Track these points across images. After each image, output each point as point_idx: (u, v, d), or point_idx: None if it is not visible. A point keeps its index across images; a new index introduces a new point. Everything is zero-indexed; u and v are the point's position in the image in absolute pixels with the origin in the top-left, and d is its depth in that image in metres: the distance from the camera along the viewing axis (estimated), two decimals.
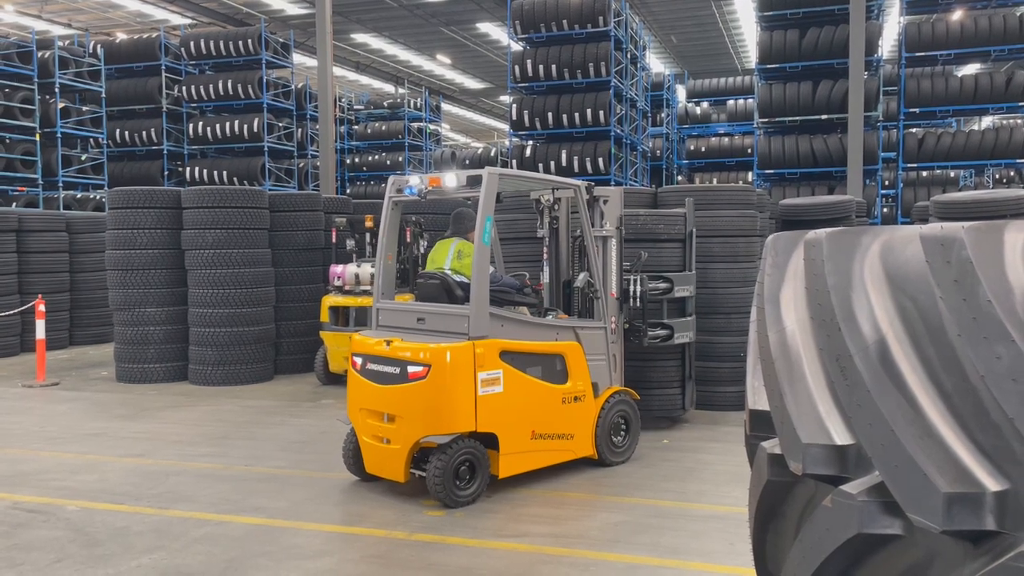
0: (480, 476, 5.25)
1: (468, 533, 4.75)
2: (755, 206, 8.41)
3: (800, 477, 1.58)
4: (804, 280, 1.73)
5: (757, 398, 1.86)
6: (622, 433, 6.19)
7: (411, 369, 5.19)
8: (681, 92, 27.86)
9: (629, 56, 17.36)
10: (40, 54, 17.29)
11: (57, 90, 17.72)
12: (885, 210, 19.58)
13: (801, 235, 1.84)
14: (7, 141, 16.60)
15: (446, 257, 6.04)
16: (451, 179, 5.56)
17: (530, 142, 16.83)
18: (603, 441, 6.00)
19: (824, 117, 16.40)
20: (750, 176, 21.31)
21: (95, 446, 6.80)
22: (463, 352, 5.16)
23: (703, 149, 24.10)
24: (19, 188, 17.17)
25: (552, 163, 16.09)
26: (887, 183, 19.51)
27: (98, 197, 18.99)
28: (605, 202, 6.25)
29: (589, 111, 15.87)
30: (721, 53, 32.31)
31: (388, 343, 5.36)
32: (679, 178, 25.11)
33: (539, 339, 5.67)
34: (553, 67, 16.02)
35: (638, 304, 6.50)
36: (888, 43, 22.80)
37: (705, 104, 26.46)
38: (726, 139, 24.09)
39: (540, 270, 6.62)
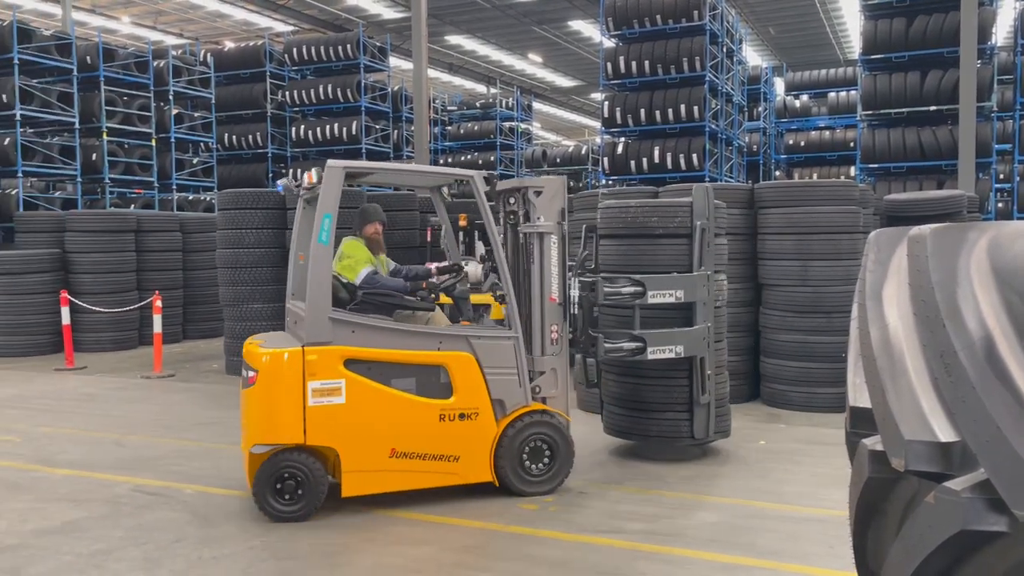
0: (309, 493, 4.89)
1: (563, 527, 4.81)
2: (858, 202, 8.16)
3: (902, 474, 1.58)
4: (907, 276, 1.72)
5: (858, 395, 1.86)
6: (545, 459, 5.33)
7: (249, 374, 5.06)
8: (779, 85, 27.11)
9: (725, 50, 17.04)
10: (156, 63, 18.29)
11: (171, 97, 18.70)
12: (1000, 205, 18.55)
13: (904, 231, 1.83)
14: (126, 147, 17.62)
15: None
16: (315, 175, 5.38)
17: (622, 139, 16.74)
18: (509, 467, 5.22)
19: (932, 108, 15.68)
20: (852, 171, 20.56)
21: (209, 434, 7.19)
22: (289, 359, 4.88)
23: (802, 143, 23.40)
24: (137, 190, 18.22)
25: (644, 160, 15.96)
26: (1002, 176, 18.48)
27: (208, 199, 19.95)
28: (538, 194, 5.50)
29: (683, 107, 15.66)
30: (822, 44, 31.28)
31: (249, 344, 5.27)
32: (777, 173, 24.46)
33: (410, 347, 5.12)
34: (646, 63, 15.88)
35: (574, 311, 5.63)
36: (1003, 29, 21.59)
37: (805, 97, 25.68)
38: (827, 133, 23.31)
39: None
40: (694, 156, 15.61)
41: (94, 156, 16.50)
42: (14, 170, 14.69)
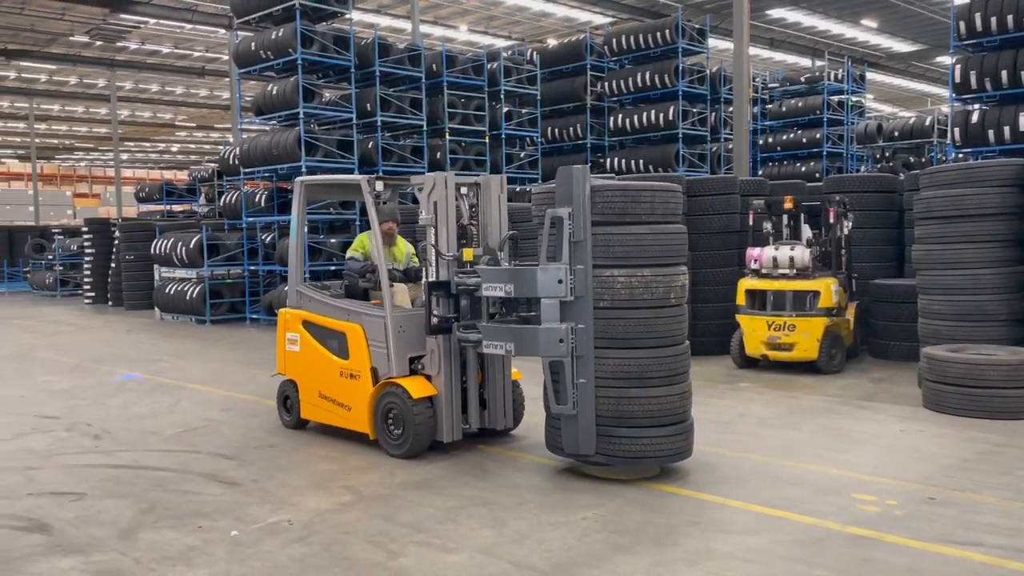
0: (293, 411, 7.03)
1: (909, 533, 4.44)
2: None
3: None
4: None
5: None
6: (402, 427, 6.04)
7: None
8: None
9: None
10: (489, 66, 19.78)
11: (502, 96, 20.13)
12: None
13: None
14: (463, 144, 19.34)
15: None
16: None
17: (976, 106, 14.75)
18: (377, 426, 6.21)
19: None
20: None
21: None
22: (281, 316, 7.21)
23: None
24: None
25: (1006, 129, 13.90)
26: None
27: (531, 190, 21.20)
28: (420, 190, 6.09)
29: None
30: None
31: None
32: None
33: (334, 317, 6.62)
34: (1009, 17, 13.78)
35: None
36: None
37: None
38: None
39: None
40: None
41: (438, 155, 18.31)
42: (375, 169, 16.79)
